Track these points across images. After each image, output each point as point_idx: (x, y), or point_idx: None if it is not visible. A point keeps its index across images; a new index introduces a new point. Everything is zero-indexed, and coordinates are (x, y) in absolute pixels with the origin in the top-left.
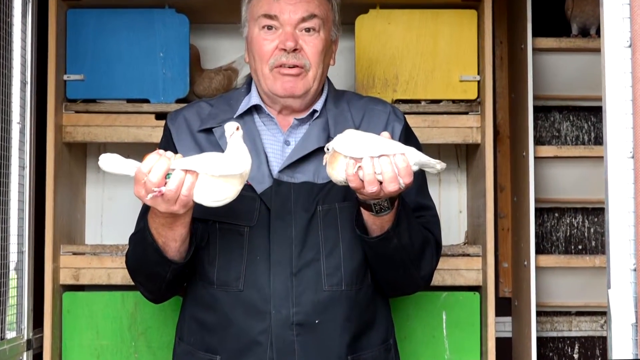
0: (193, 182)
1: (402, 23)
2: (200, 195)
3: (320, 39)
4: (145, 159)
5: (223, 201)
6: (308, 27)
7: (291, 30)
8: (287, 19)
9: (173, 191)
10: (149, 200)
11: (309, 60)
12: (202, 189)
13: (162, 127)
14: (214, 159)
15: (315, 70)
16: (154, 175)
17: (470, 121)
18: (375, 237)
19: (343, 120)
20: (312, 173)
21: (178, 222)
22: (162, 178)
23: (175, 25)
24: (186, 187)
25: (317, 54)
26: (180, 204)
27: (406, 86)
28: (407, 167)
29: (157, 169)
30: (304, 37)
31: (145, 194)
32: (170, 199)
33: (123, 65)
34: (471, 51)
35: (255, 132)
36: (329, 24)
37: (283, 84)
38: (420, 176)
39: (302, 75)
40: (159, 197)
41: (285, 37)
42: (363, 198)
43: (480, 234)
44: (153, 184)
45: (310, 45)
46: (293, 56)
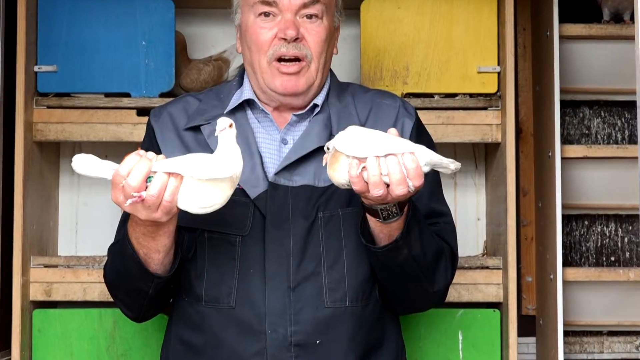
0: (177, 186)
1: (413, 7)
2: (185, 201)
3: (324, 26)
4: (123, 161)
5: (211, 208)
6: (310, 14)
7: (292, 17)
8: (287, 5)
9: (154, 196)
10: (128, 207)
11: (311, 51)
12: (188, 194)
13: (144, 124)
14: (200, 160)
15: (317, 62)
16: (133, 179)
17: (489, 117)
18: (382, 246)
19: (347, 115)
20: (312, 175)
21: (161, 231)
22: (142, 182)
23: (159, 10)
24: (169, 192)
25: (321, 44)
26: (163, 211)
27: (418, 78)
28: (416, 167)
29: (137, 172)
30: (305, 24)
31: (123, 200)
32: (151, 205)
33: (101, 55)
34: (490, 39)
35: (249, 129)
36: (332, 8)
37: (283, 83)
38: (433, 178)
39: (304, 69)
40: (139, 203)
41: (285, 25)
42: (369, 203)
43: (500, 244)
44: (132, 189)
45: (312, 33)
46: (294, 46)
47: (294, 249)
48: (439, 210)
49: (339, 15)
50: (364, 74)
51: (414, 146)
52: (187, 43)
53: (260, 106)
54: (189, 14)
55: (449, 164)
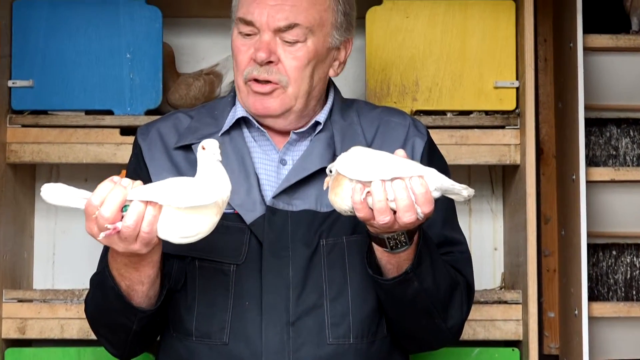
0: (155, 215)
1: (424, 17)
2: (165, 231)
3: (307, 49)
4: (96, 189)
5: (194, 237)
6: (288, 40)
7: (269, 37)
8: (264, 24)
9: (131, 228)
10: (103, 239)
11: (287, 76)
12: (168, 223)
13: (128, 144)
14: (180, 186)
15: (297, 87)
16: (106, 209)
17: (507, 137)
18: (391, 278)
19: (352, 134)
20: (313, 199)
21: (144, 261)
22: (117, 212)
23: (145, 19)
24: (147, 222)
25: (299, 69)
26: (142, 242)
27: (428, 94)
28: (425, 192)
29: (111, 201)
30: (284, 47)
31: (97, 232)
32: (128, 236)
33: (81, 68)
34: (508, 51)
35: (245, 149)
36: (325, 28)
37: (255, 102)
38: (447, 203)
39: (278, 92)
40: (114, 235)
41: (258, 47)
42: (375, 231)
43: (520, 277)
44: (106, 220)
45: (290, 58)
46: (265, 70)
47: (294, 280)
48: (453, 238)
49: (341, 34)
50: (370, 89)
51: (423, 169)
52: (176, 55)
53: (255, 123)
54: (178, 24)
55: (462, 190)
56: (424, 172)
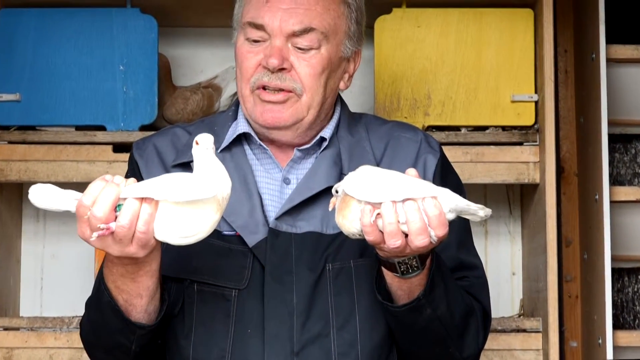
0: (151, 213)
1: (436, 26)
2: (163, 231)
3: (321, 57)
4: (87, 189)
5: (194, 236)
6: (302, 46)
7: (280, 43)
8: (276, 29)
9: (126, 227)
10: (96, 242)
11: (301, 84)
12: (165, 221)
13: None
14: (177, 180)
15: (310, 97)
16: (99, 209)
17: (525, 154)
18: (402, 305)
19: (360, 151)
20: (319, 220)
21: (142, 270)
22: (110, 211)
23: (140, 29)
24: (142, 220)
25: (314, 77)
26: (138, 244)
27: (441, 108)
28: (439, 214)
29: (103, 200)
30: (297, 53)
31: (90, 234)
32: (123, 237)
33: (71, 81)
34: (526, 63)
35: (247, 167)
36: (338, 36)
37: (263, 113)
38: (462, 225)
39: (292, 101)
40: (107, 236)
41: (269, 53)
42: (384, 255)
43: (540, 303)
44: (99, 220)
45: (304, 65)
46: (277, 77)
47: (298, 307)
48: (468, 262)
49: (353, 44)
50: (379, 103)
51: (437, 190)
52: (172, 67)
53: (257, 140)
54: (174, 34)
55: (478, 210)
56: (437, 192)
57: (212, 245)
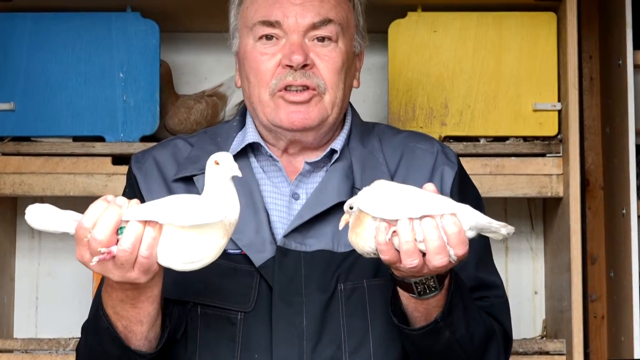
0: (155, 237)
1: (454, 30)
2: (167, 256)
3: (339, 51)
4: (87, 210)
5: (199, 262)
6: (322, 36)
7: (299, 39)
8: (292, 25)
9: (128, 252)
10: (96, 266)
11: (324, 80)
12: (169, 246)
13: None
14: (183, 203)
15: (333, 94)
16: (100, 231)
17: (548, 166)
18: (418, 328)
19: (373, 164)
20: (330, 238)
21: (144, 295)
22: (111, 234)
23: (141, 34)
24: (146, 244)
25: (335, 72)
26: (140, 269)
27: (459, 118)
28: (459, 232)
29: (105, 222)
30: (316, 48)
31: (90, 258)
32: (124, 262)
33: (68, 90)
34: (549, 69)
35: (253, 181)
36: (350, 30)
37: (289, 115)
38: (481, 243)
39: (316, 99)
40: (108, 260)
41: (290, 49)
42: (401, 275)
43: (563, 324)
44: (99, 243)
45: (325, 59)
46: (302, 74)
47: (308, 330)
48: (488, 281)
49: (361, 39)
50: (393, 112)
51: (456, 206)
52: (175, 75)
53: (267, 151)
54: (177, 40)
55: (500, 228)
56: (457, 209)
57: (216, 265)
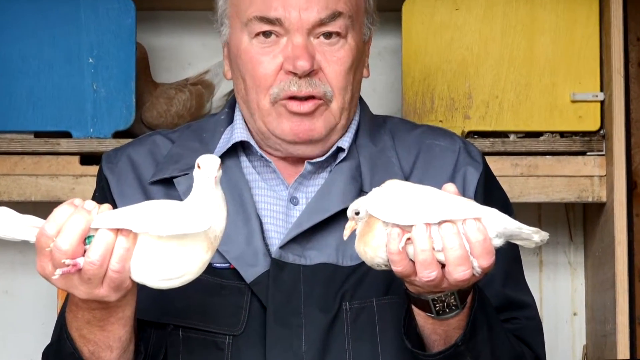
0: (128, 248)
1: (478, 8)
2: (141, 270)
3: (349, 48)
4: (51, 214)
5: (179, 279)
6: (329, 32)
7: (303, 39)
8: (295, 22)
9: (96, 264)
10: (59, 280)
11: (331, 86)
12: (145, 259)
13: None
14: (161, 209)
15: (341, 99)
16: (64, 240)
17: (589, 166)
18: (436, 353)
19: (384, 163)
20: (334, 249)
21: (114, 316)
22: (78, 244)
23: (113, 13)
24: (117, 256)
25: (345, 74)
26: (111, 285)
27: (485, 110)
28: (484, 240)
29: (70, 229)
30: (322, 48)
31: (52, 270)
32: (92, 276)
33: (29, 78)
34: (590, 54)
35: (243, 183)
36: (360, 18)
37: (293, 127)
38: (510, 254)
39: (321, 108)
40: (73, 274)
41: (294, 53)
42: (416, 290)
43: (607, 350)
44: (63, 254)
45: (333, 61)
46: (308, 83)
47: (308, 356)
48: (518, 299)
49: (371, 23)
50: (408, 103)
51: (481, 209)
52: (153, 60)
53: (258, 151)
54: (155, 19)
55: (532, 234)
56: (481, 213)
57: (200, 282)
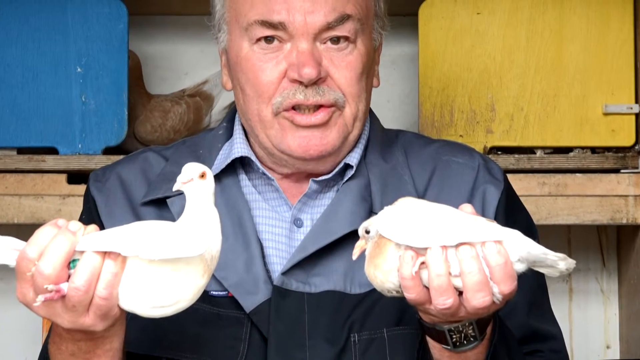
0: (116, 273)
1: (502, 12)
2: (130, 298)
3: (359, 54)
4: (33, 236)
5: (172, 307)
6: (337, 36)
7: (309, 45)
8: (300, 26)
9: (81, 290)
10: (41, 308)
11: (343, 92)
12: (134, 285)
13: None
14: (152, 231)
15: (355, 106)
16: (47, 264)
17: (623, 185)
18: None
19: (396, 182)
20: (341, 276)
21: (100, 348)
22: (61, 267)
23: (104, 18)
24: (104, 282)
25: (356, 80)
26: (97, 313)
27: (509, 123)
28: (505, 264)
29: (54, 252)
30: (330, 53)
31: (33, 297)
32: (77, 303)
33: (12, 88)
34: (623, 62)
35: (242, 203)
36: (369, 21)
37: (301, 142)
38: (535, 281)
39: (335, 117)
40: (57, 301)
41: (299, 60)
42: (431, 320)
43: None
44: (46, 279)
45: (342, 67)
46: (315, 91)
47: None
48: (542, 330)
49: (381, 27)
50: (425, 116)
51: (502, 231)
52: (147, 70)
53: (260, 167)
54: (149, 25)
55: (557, 261)
56: (502, 235)
57: (195, 311)
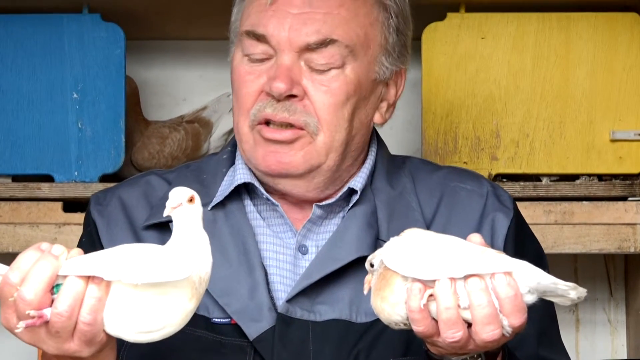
0: (100, 297)
1: (507, 37)
2: (116, 323)
3: (345, 79)
4: (15, 261)
5: (159, 332)
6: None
7: (290, 60)
8: (283, 41)
9: (64, 316)
10: (24, 334)
11: (317, 117)
12: (120, 310)
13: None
14: (137, 254)
15: (330, 136)
16: (29, 289)
17: (630, 213)
18: None
19: (403, 209)
20: (347, 304)
21: None
22: (44, 292)
23: (101, 42)
24: (88, 307)
25: (335, 107)
26: (82, 339)
27: (514, 150)
28: (515, 296)
29: (36, 277)
30: (313, 75)
31: (16, 323)
32: (61, 329)
33: (7, 115)
34: (631, 88)
35: (247, 229)
36: (371, 51)
37: (265, 156)
38: (544, 311)
39: (303, 141)
40: (40, 327)
41: (274, 73)
42: (439, 352)
43: None
44: (28, 304)
45: (322, 92)
46: (285, 107)
47: None
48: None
49: (393, 61)
50: (428, 142)
51: (512, 263)
52: (144, 95)
53: (263, 193)
54: (147, 50)
55: (568, 290)
56: (512, 266)
57: (197, 339)
